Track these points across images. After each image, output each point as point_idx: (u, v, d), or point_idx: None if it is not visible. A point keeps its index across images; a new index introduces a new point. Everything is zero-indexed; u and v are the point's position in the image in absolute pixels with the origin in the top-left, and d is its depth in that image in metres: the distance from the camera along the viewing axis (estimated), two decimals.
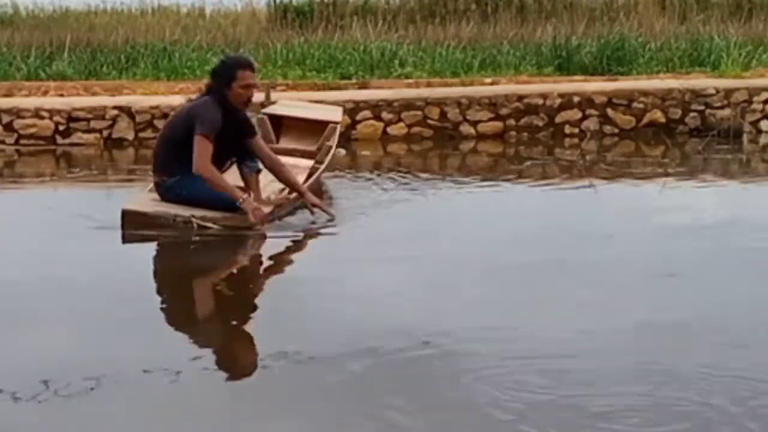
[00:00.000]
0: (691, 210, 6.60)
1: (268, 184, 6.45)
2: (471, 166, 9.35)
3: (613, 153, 9.85)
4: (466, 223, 6.32)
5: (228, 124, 5.92)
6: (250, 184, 6.21)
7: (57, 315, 4.40)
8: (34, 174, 8.82)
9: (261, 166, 6.22)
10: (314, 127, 7.79)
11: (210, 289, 5.09)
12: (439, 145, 10.18)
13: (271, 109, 8.40)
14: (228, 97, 5.92)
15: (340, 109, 8.78)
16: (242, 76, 5.93)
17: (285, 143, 7.83)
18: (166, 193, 5.98)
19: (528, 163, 9.13)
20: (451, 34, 14.42)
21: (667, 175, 8.24)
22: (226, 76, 5.94)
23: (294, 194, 6.27)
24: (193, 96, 6.33)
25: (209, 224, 5.73)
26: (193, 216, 5.74)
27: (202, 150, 5.80)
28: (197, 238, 5.67)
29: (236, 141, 6.07)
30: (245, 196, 5.84)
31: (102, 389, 3.43)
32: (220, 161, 6.05)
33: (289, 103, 8.97)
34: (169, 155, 5.97)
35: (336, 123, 7.81)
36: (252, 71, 6.02)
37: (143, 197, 6.11)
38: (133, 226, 5.73)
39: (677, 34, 14.27)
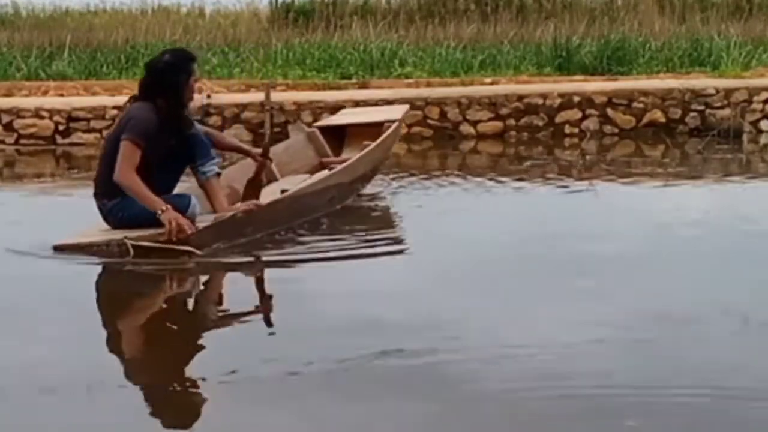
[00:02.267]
0: (691, 210, 6.60)
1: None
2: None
3: (613, 153, 9.86)
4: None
5: (176, 129, 5.41)
6: (209, 193, 5.60)
7: None
8: (34, 174, 8.82)
9: (219, 169, 5.67)
10: (378, 132, 7.16)
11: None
12: (439, 145, 10.18)
13: (326, 121, 7.96)
14: (183, 95, 5.42)
15: (403, 108, 8.12)
16: (194, 70, 5.48)
17: (347, 154, 7.26)
18: (108, 218, 5.40)
19: (528, 163, 9.13)
20: (451, 34, 14.42)
21: (667, 175, 8.25)
22: (183, 72, 5.40)
23: (265, 203, 5.69)
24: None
25: (144, 243, 5.11)
26: (126, 237, 5.13)
27: (124, 155, 5.22)
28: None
29: (185, 143, 5.50)
30: (165, 207, 5.15)
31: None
32: (174, 173, 5.56)
33: (350, 111, 8.48)
34: (106, 176, 5.35)
35: (391, 122, 7.22)
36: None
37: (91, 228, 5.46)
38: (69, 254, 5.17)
39: (677, 34, 14.27)
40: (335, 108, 10.39)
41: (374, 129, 7.23)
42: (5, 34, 14.70)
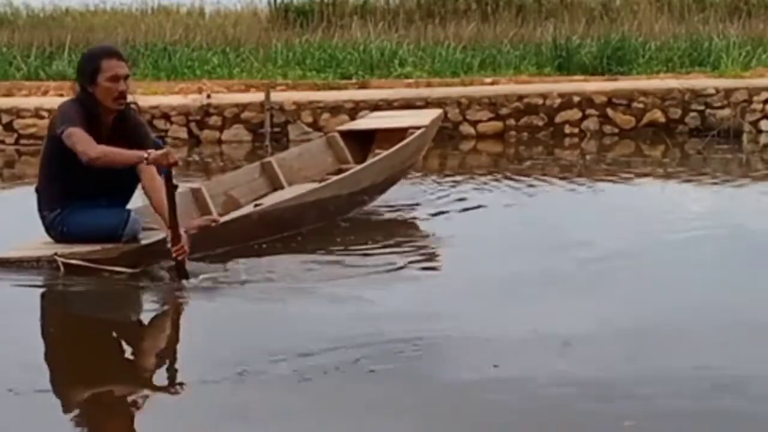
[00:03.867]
0: (691, 210, 6.61)
1: None
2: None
3: (613, 153, 9.86)
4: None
5: (108, 133, 4.79)
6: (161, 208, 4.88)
7: None
8: (34, 174, 8.79)
9: (175, 181, 4.80)
10: (404, 138, 6.61)
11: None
12: (439, 144, 10.14)
13: (350, 125, 7.56)
14: (96, 96, 4.83)
15: (434, 113, 7.52)
16: (108, 66, 4.81)
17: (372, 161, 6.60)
18: (49, 231, 4.98)
19: (528, 162, 9.13)
20: (451, 34, 14.43)
21: (667, 174, 8.26)
22: (90, 70, 4.84)
23: (225, 219, 5.18)
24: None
25: (76, 261, 4.72)
26: (57, 254, 4.74)
27: (77, 140, 4.67)
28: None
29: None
30: (147, 153, 4.60)
31: None
32: (129, 184, 4.98)
33: (378, 114, 8.05)
34: (45, 185, 5.00)
35: (416, 128, 6.68)
36: (120, 59, 4.88)
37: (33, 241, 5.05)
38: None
39: (677, 34, 14.28)
40: (335, 108, 10.43)
41: (402, 134, 6.69)
42: (5, 34, 14.69)
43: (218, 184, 6.09)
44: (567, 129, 10.75)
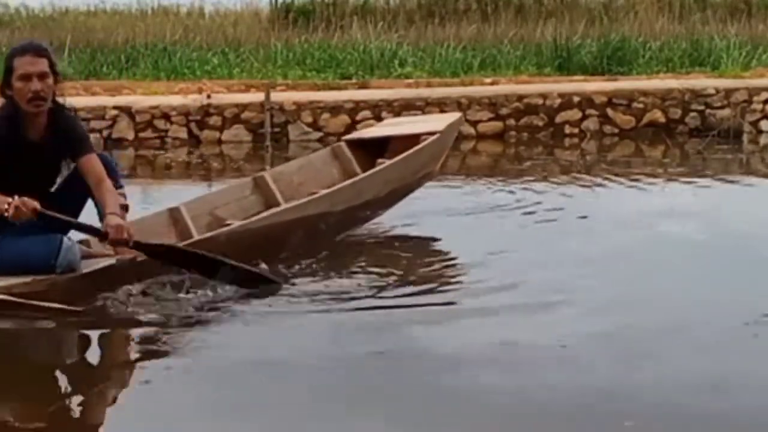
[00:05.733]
0: (691, 210, 6.60)
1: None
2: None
3: (613, 153, 9.85)
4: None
5: (41, 140, 4.29)
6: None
7: None
8: None
9: (124, 200, 4.39)
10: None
11: None
12: None
13: (359, 134, 6.98)
14: (14, 99, 4.27)
15: (451, 117, 6.87)
16: (19, 64, 4.26)
17: None
18: None
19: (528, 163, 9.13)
20: (451, 34, 14.44)
21: (667, 175, 8.25)
22: (6, 71, 4.31)
23: (186, 242, 4.56)
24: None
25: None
26: None
27: None
28: None
29: (58, 162, 4.40)
30: (8, 203, 3.99)
31: None
32: (75, 202, 4.39)
33: (391, 121, 7.55)
34: None
35: (430, 134, 6.05)
36: (34, 56, 4.32)
37: None
38: None
39: (677, 34, 14.30)
40: (335, 108, 10.43)
41: (417, 142, 6.02)
42: (5, 34, 14.68)
43: (202, 202, 5.40)
44: (567, 129, 10.75)
